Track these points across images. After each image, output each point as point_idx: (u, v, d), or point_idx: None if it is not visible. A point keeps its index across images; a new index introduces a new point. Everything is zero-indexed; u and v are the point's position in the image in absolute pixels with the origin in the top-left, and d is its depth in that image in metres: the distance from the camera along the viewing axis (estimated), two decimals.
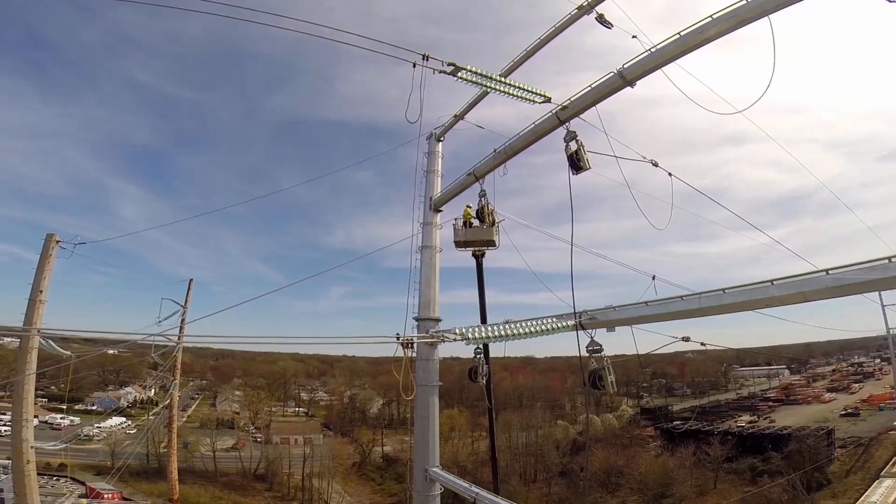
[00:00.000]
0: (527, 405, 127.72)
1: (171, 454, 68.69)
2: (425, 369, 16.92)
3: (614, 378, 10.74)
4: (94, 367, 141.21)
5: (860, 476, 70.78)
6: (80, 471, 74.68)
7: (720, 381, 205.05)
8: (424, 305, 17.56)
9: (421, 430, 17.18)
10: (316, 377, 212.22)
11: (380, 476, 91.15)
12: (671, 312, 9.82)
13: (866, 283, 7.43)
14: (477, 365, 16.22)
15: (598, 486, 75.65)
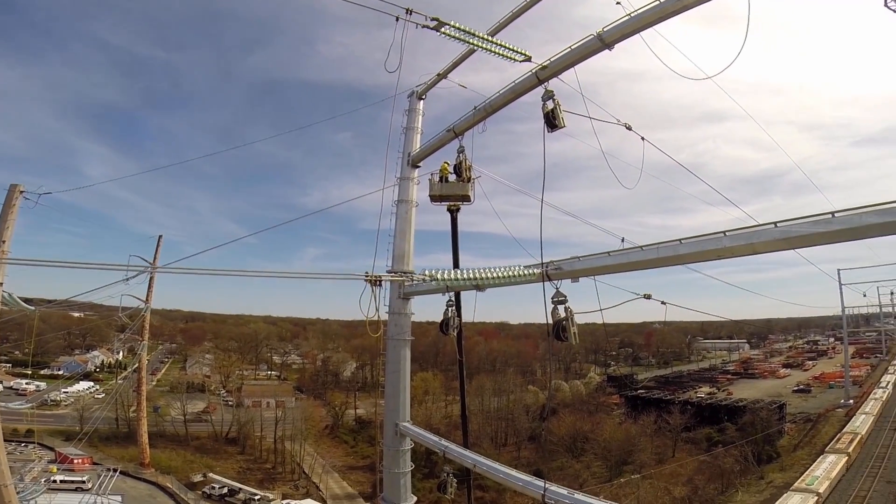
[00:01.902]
0: (499, 370, 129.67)
1: (140, 418, 68.88)
2: (397, 323, 17.18)
3: (577, 330, 11.18)
4: (58, 330, 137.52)
5: (807, 451, 74.26)
6: (49, 436, 73.65)
7: (684, 353, 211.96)
8: (398, 258, 17.76)
9: (392, 385, 17.54)
10: (288, 340, 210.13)
11: (352, 439, 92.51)
12: (632, 262, 10.36)
13: (811, 235, 7.99)
14: (448, 318, 16.55)
15: (564, 451, 78.37)
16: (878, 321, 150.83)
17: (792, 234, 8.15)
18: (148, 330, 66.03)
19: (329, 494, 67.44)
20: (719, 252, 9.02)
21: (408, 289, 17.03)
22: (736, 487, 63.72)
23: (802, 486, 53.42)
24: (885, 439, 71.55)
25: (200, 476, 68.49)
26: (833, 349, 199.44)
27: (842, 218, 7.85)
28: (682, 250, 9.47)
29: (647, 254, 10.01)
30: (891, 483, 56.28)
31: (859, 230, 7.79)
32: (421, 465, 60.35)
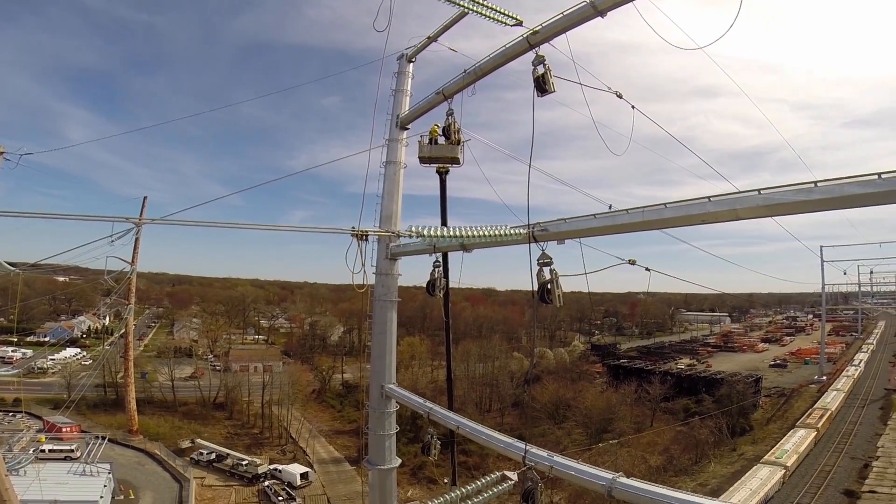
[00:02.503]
0: (486, 336, 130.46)
1: (128, 384, 68.89)
2: (384, 284, 17.27)
3: (562, 293, 11.32)
4: (43, 295, 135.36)
5: (778, 424, 76.85)
6: (37, 405, 73.52)
7: (667, 324, 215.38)
8: (386, 219, 17.71)
9: (378, 346, 17.70)
10: (276, 303, 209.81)
11: (339, 403, 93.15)
12: (618, 225, 10.49)
13: (793, 203, 8.17)
14: (435, 279, 16.64)
15: (546, 418, 79.71)
16: (857, 300, 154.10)
17: (774, 202, 8.31)
18: (134, 293, 65.50)
19: (316, 459, 68.31)
20: (703, 217, 9.18)
21: (395, 249, 17.07)
22: (709, 458, 65.41)
23: (772, 459, 55.22)
24: (854, 416, 74.03)
25: (188, 442, 68.95)
26: (811, 326, 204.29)
27: (824, 187, 8.01)
28: (666, 214, 9.64)
29: (633, 217, 10.15)
30: (855, 459, 58.29)
31: (840, 200, 7.96)
32: (406, 429, 61.40)
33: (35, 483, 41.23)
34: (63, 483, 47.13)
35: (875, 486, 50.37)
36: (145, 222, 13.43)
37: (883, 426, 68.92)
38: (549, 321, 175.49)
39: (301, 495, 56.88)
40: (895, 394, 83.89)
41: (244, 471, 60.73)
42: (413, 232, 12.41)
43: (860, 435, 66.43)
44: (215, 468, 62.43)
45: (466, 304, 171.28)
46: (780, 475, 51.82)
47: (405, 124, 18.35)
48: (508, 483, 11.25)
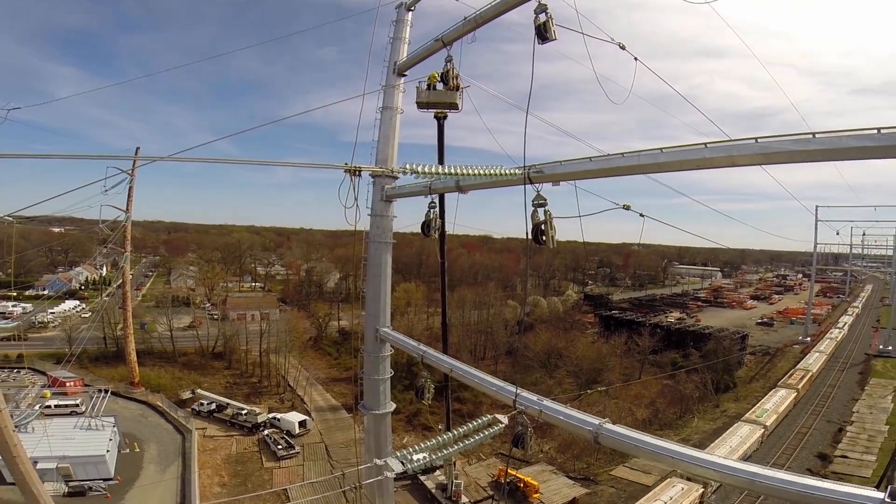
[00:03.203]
0: (481, 283, 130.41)
1: (127, 335, 69.26)
2: (379, 226, 17.39)
3: (555, 233, 11.42)
4: (39, 246, 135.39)
5: (761, 383, 78.58)
6: (40, 360, 73.98)
7: (659, 277, 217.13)
8: (381, 163, 17.74)
9: (372, 289, 17.93)
10: (272, 250, 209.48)
11: (336, 350, 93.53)
12: (613, 168, 10.56)
13: (790, 152, 8.23)
14: (430, 220, 16.75)
15: (538, 367, 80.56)
16: (847, 261, 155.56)
17: (771, 150, 8.34)
18: (130, 241, 65.15)
19: (313, 407, 69.68)
20: (699, 162, 9.21)
21: (390, 191, 17.06)
22: (693, 413, 66.96)
23: (752, 418, 56.68)
24: (833, 379, 76.06)
25: (189, 393, 69.73)
26: (800, 285, 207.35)
27: (821, 139, 8.03)
28: (662, 158, 9.65)
29: (629, 160, 10.16)
30: (831, 423, 60.28)
31: (837, 152, 8.00)
32: (402, 376, 62.58)
33: (43, 440, 42.13)
34: (70, 438, 47.88)
35: (847, 451, 52.35)
36: (142, 159, 13.28)
37: (860, 391, 70.82)
38: (544, 269, 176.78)
39: (300, 443, 57.96)
40: (875, 359, 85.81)
41: (244, 420, 61.76)
42: (408, 169, 12.37)
43: (838, 399, 68.40)
44: (216, 418, 63.39)
45: (462, 250, 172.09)
46: (759, 434, 53.14)
47: (402, 71, 18.08)
48: (499, 426, 11.69)
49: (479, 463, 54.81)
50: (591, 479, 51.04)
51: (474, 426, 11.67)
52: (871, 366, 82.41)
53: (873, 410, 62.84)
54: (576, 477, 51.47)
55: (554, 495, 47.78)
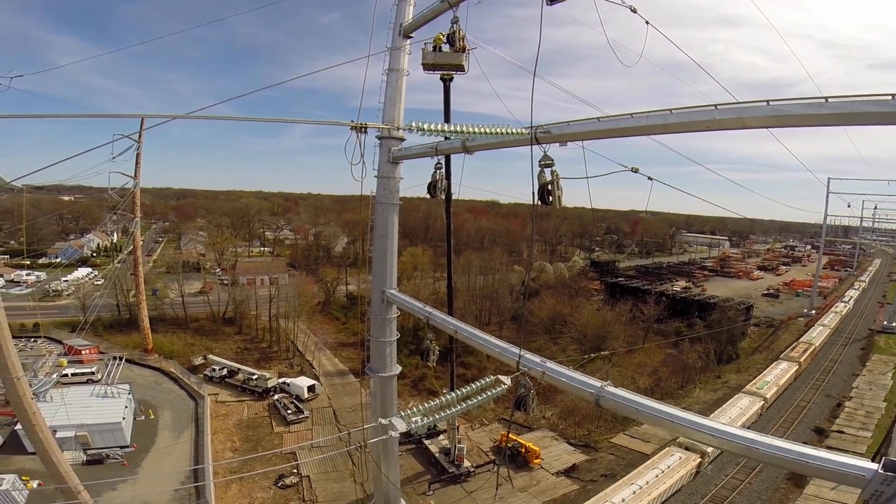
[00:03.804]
0: (487, 248, 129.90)
1: (140, 302, 70.04)
2: (385, 187, 17.44)
3: (562, 194, 11.37)
4: (50, 214, 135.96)
5: (764, 355, 78.77)
6: (55, 329, 74.72)
7: (667, 244, 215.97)
8: (388, 124, 17.71)
9: (379, 250, 18.11)
10: (280, 215, 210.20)
11: (344, 315, 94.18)
12: (621, 128, 10.43)
13: (802, 116, 8.12)
14: (436, 180, 16.72)
15: (543, 333, 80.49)
16: (857, 234, 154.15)
17: (782, 113, 8.21)
18: (139, 207, 65.40)
19: (322, 371, 70.68)
20: (708, 123, 9.09)
21: (396, 153, 17.03)
22: (695, 384, 67.31)
23: (752, 390, 57.14)
24: (835, 354, 75.90)
25: (201, 359, 70.65)
26: (808, 257, 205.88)
27: (835, 103, 7.92)
28: (671, 119, 9.52)
29: (637, 121, 10.02)
30: (829, 397, 60.51)
31: (850, 116, 7.87)
32: (408, 340, 63.43)
33: (61, 409, 42.83)
34: (87, 406, 48.49)
35: (844, 427, 52.59)
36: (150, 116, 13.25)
37: (861, 367, 70.80)
38: (551, 235, 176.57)
39: (309, 408, 58.85)
40: (878, 335, 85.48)
41: (255, 385, 62.68)
42: (413, 126, 12.29)
43: (838, 373, 68.45)
44: (227, 384, 64.37)
45: (469, 215, 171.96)
46: (758, 406, 53.68)
47: (408, 33, 17.77)
48: (502, 387, 11.87)
49: (482, 428, 55.81)
50: (591, 445, 51.78)
51: (477, 387, 11.84)
52: (874, 342, 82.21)
53: (873, 387, 63.00)
54: (576, 443, 52.16)
55: (554, 461, 48.58)
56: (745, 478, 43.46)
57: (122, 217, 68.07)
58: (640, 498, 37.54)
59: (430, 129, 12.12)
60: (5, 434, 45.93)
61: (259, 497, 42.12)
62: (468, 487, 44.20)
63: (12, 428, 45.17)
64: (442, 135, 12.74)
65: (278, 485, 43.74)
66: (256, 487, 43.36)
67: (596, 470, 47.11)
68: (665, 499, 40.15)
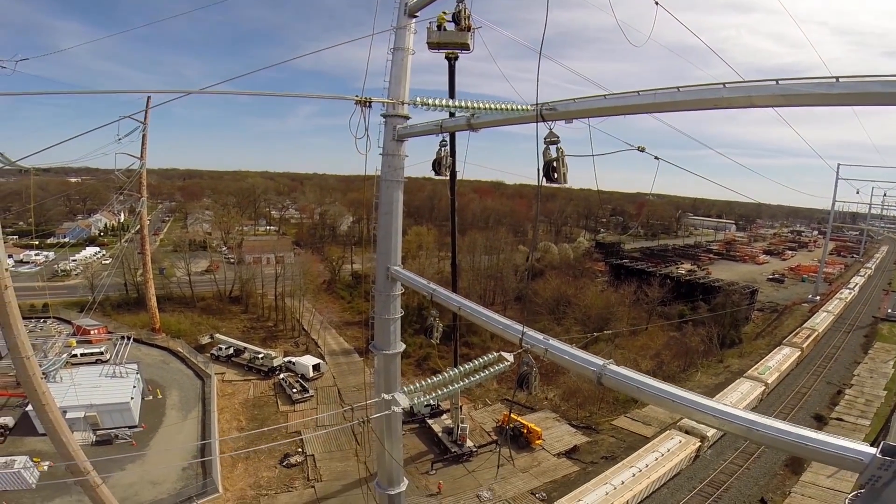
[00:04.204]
0: (492, 227, 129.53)
1: (147, 281, 70.60)
2: (390, 164, 17.43)
3: (567, 171, 11.31)
4: (57, 195, 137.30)
5: (766, 340, 78.91)
6: (64, 309, 75.31)
7: (673, 227, 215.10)
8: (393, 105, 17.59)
9: (384, 227, 18.14)
10: (286, 194, 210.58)
11: (349, 294, 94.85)
12: (628, 105, 10.32)
13: (811, 95, 8.03)
14: (441, 157, 16.73)
15: (547, 313, 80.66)
16: (865, 221, 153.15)
17: (791, 92, 8.11)
18: (146, 187, 65.64)
19: (327, 350, 71.30)
20: (716, 101, 8.98)
21: (402, 131, 16.97)
22: (697, 367, 67.57)
23: (754, 375, 57.40)
24: (838, 340, 75.91)
25: (208, 338, 71.20)
26: (814, 242, 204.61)
27: (845, 83, 7.79)
28: (679, 97, 9.42)
29: (644, 98, 9.91)
30: (830, 384, 60.71)
31: (861, 97, 7.75)
32: (412, 319, 63.66)
33: (71, 389, 43.41)
34: (96, 386, 49.06)
35: (843, 414, 52.98)
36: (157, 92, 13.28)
37: (863, 354, 70.93)
38: (556, 216, 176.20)
39: (314, 387, 59.45)
40: (882, 323, 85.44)
41: (261, 364, 63.21)
42: (418, 101, 12.24)
43: (840, 361, 68.58)
44: (234, 363, 64.98)
45: (474, 195, 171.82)
46: (759, 391, 53.96)
47: (414, 11, 17.56)
48: (505, 364, 11.97)
49: (485, 408, 56.42)
50: (592, 427, 52.27)
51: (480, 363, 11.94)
52: (878, 329, 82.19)
53: (874, 375, 63.17)
54: (578, 425, 52.65)
55: (556, 442, 49.17)
56: (743, 463, 43.98)
57: (129, 197, 68.34)
58: (640, 480, 38.06)
59: (435, 104, 12.08)
60: (17, 416, 46.69)
61: (265, 476, 42.85)
62: (470, 467, 44.86)
63: (24, 410, 45.91)
64: (447, 110, 12.71)
65: (283, 464, 44.50)
66: (262, 466, 44.14)
67: (597, 452, 47.69)
68: (664, 482, 40.67)
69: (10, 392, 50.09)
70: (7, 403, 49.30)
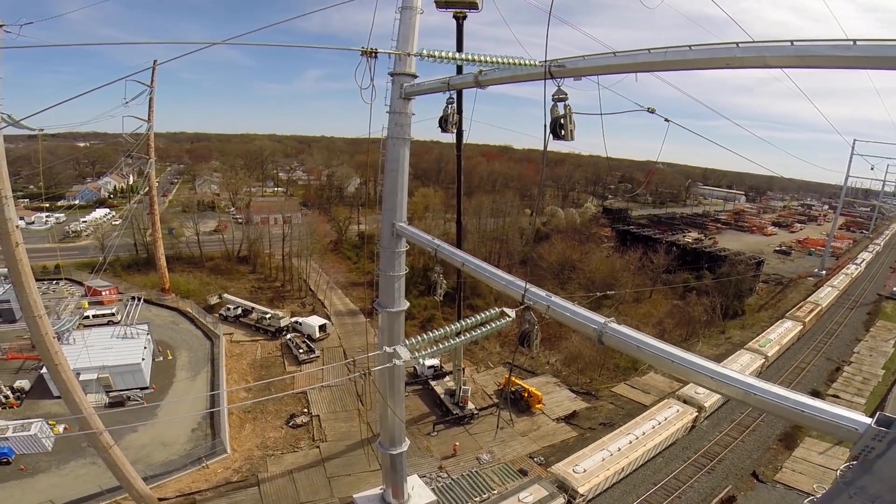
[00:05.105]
0: (499, 190, 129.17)
1: (156, 240, 71.06)
2: (397, 122, 17.43)
3: (575, 128, 11.20)
4: (66, 160, 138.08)
5: (769, 313, 78.84)
6: (76, 270, 75.84)
7: (681, 196, 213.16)
8: (400, 64, 17.56)
9: (390, 183, 18.23)
10: (294, 156, 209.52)
11: (355, 255, 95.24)
12: (638, 63, 10.18)
13: (827, 57, 7.90)
14: (448, 114, 16.64)
15: (551, 277, 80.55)
16: (877, 198, 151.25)
17: (806, 53, 7.96)
18: (154, 149, 65.60)
19: (333, 311, 71.96)
20: (728, 61, 8.84)
21: (409, 89, 16.85)
22: (699, 337, 67.79)
23: (755, 347, 57.60)
24: (841, 317, 75.75)
25: (216, 298, 71.69)
26: (824, 216, 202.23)
27: (863, 46, 7.63)
28: (690, 56, 9.27)
29: (654, 56, 9.74)
30: (830, 360, 60.86)
31: (879, 60, 7.60)
32: (417, 281, 64.05)
33: (83, 351, 43.65)
34: (108, 348, 49.61)
35: (839, 391, 53.12)
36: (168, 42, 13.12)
37: (865, 332, 70.80)
38: (564, 181, 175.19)
39: (320, 347, 60.26)
40: (886, 301, 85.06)
41: (268, 325, 63.98)
42: (425, 54, 12.12)
43: (842, 337, 68.60)
44: (242, 323, 65.70)
45: (481, 158, 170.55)
46: (759, 363, 54.21)
47: None
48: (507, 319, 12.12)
49: (487, 371, 57.21)
50: (592, 393, 52.93)
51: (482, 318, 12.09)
52: (881, 307, 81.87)
53: (873, 353, 63.21)
54: (578, 391, 53.31)
55: (556, 407, 49.90)
56: (738, 435, 44.63)
57: (137, 160, 68.37)
58: (636, 448, 38.86)
59: (442, 57, 11.95)
60: (33, 379, 47.57)
61: (271, 436, 43.86)
62: (471, 430, 45.72)
63: (39, 372, 46.77)
64: (454, 62, 12.59)
65: (290, 424, 45.53)
66: (269, 427, 45.18)
67: (595, 418, 48.40)
68: (660, 451, 41.43)
69: (25, 355, 50.80)
70: (23, 366, 50.03)
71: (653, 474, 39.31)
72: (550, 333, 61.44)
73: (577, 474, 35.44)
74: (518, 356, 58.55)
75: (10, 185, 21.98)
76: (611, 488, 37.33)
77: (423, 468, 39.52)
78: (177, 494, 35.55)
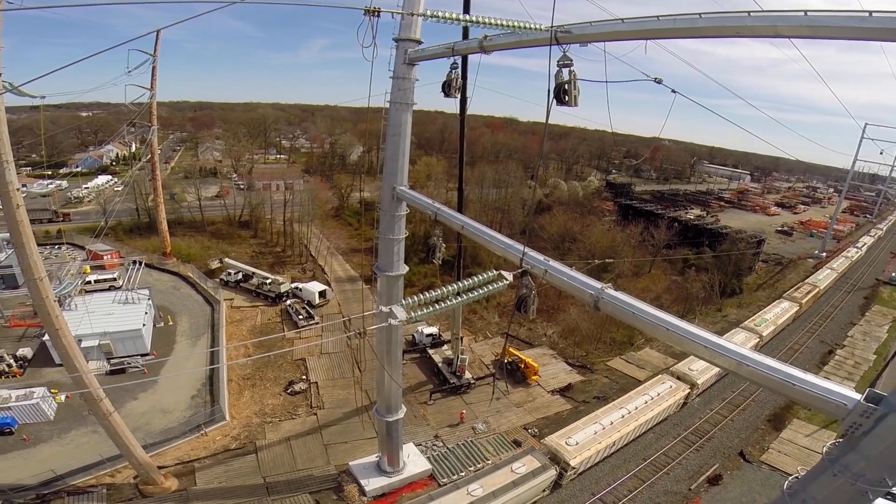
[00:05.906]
0: (502, 161, 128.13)
1: (158, 204, 70.88)
2: (400, 87, 17.29)
3: (579, 93, 11.03)
4: (69, 129, 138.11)
5: (767, 293, 78.94)
6: (78, 235, 75.56)
7: (686, 173, 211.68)
8: (405, 26, 17.38)
9: (391, 148, 18.18)
10: (296, 125, 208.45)
11: (357, 221, 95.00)
12: (647, 30, 9.98)
13: (841, 28, 7.70)
14: (451, 79, 16.47)
15: (551, 248, 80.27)
16: (884, 183, 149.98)
17: (820, 24, 7.72)
18: (156, 117, 65.12)
19: (333, 277, 72.14)
20: (738, 30, 8.62)
21: (413, 54, 16.63)
22: (695, 314, 67.83)
23: (750, 326, 57.85)
24: (838, 300, 75.85)
25: (217, 262, 71.59)
26: (828, 199, 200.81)
27: (880, 18, 7.38)
28: (700, 23, 9.04)
29: (663, 24, 9.50)
30: (823, 343, 61.19)
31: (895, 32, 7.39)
32: (418, 248, 63.90)
33: (85, 317, 43.76)
34: (109, 314, 49.42)
35: (830, 374, 53.42)
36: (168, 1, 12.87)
37: (860, 316, 71.02)
38: (568, 154, 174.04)
39: (319, 314, 60.59)
40: (883, 286, 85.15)
41: (268, 290, 64.07)
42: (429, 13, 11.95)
43: (837, 320, 68.85)
44: (242, 288, 65.81)
45: (485, 129, 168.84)
46: (753, 343, 54.41)
47: None
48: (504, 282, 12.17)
49: (486, 341, 57.65)
50: (588, 367, 53.39)
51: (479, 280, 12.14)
52: (878, 292, 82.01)
53: (867, 338, 63.56)
54: (574, 364, 53.81)
55: (551, 379, 50.42)
56: (728, 414, 45.26)
57: (140, 127, 67.88)
58: (628, 422, 39.42)
59: (448, 18, 11.73)
60: (35, 347, 47.63)
61: (270, 403, 44.32)
62: (468, 399, 46.24)
63: (41, 340, 46.87)
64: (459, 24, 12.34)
65: (288, 391, 46.00)
66: (267, 394, 45.61)
67: (589, 391, 48.92)
68: (651, 426, 42.05)
69: (27, 322, 50.83)
70: (25, 334, 50.06)
71: (643, 449, 40.05)
72: (549, 305, 61.61)
73: (570, 447, 36.09)
74: (515, 327, 58.91)
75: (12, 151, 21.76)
76: (602, 462, 38.04)
77: (419, 436, 40.14)
78: (175, 462, 36.07)
